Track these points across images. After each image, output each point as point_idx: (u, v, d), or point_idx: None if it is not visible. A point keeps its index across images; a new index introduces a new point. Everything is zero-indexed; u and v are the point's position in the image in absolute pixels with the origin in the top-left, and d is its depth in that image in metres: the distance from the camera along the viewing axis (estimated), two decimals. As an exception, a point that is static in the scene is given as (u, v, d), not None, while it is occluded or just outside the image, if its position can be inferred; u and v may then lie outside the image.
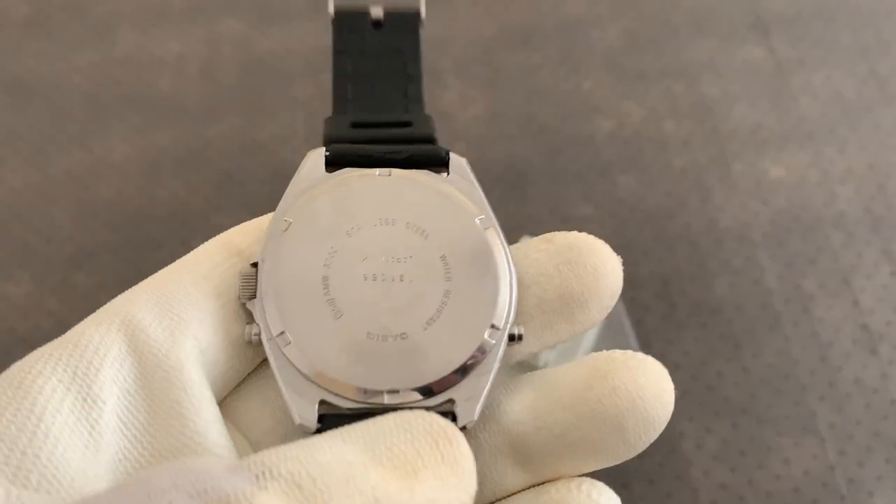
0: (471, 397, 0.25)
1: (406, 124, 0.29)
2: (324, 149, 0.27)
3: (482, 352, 0.25)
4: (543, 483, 0.25)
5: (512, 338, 0.25)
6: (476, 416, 0.24)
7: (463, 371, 0.24)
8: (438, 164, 0.27)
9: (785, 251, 0.57)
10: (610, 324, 0.52)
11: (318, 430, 0.24)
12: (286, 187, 0.26)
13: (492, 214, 0.26)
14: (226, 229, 0.25)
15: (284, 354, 0.24)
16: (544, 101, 0.63)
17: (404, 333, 0.25)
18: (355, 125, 0.29)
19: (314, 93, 0.64)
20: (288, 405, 0.24)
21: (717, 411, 0.52)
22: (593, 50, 0.66)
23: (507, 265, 0.26)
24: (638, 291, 0.55)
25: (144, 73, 0.64)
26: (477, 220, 0.26)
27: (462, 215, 0.26)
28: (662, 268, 0.56)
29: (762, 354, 0.53)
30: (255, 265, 0.25)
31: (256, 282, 0.25)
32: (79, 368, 0.22)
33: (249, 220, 0.26)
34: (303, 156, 0.26)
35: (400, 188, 0.26)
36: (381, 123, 0.29)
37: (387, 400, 0.24)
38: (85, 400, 0.22)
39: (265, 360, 0.25)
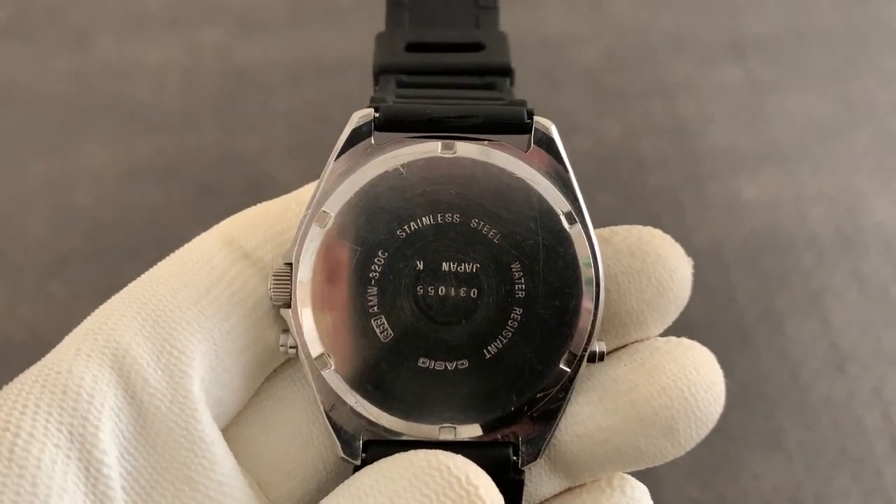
0: (537, 435, 0.21)
1: (477, 46, 0.24)
2: (371, 111, 0.21)
3: (555, 383, 0.21)
4: (578, 486, 0.22)
5: (592, 358, 0.21)
6: (541, 458, 0.21)
7: (531, 404, 0.21)
8: (519, 130, 0.22)
9: (757, 271, 0.57)
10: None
11: (363, 462, 0.20)
12: (265, 200, 0.22)
13: (581, 201, 0.21)
14: None
15: (324, 378, 0.20)
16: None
17: (463, 361, 0.20)
18: (411, 47, 0.24)
19: (295, 104, 0.63)
20: (331, 437, 0.21)
21: (688, 428, 0.53)
22: (572, 68, 0.66)
23: (593, 271, 0.21)
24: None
25: (123, 82, 0.64)
26: (562, 216, 0.21)
27: (544, 208, 0.21)
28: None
29: (734, 372, 0.54)
30: (289, 265, 0.21)
31: (292, 285, 0.20)
32: (75, 427, 0.19)
33: None
34: (283, 167, 0.23)
35: (467, 172, 0.21)
36: (444, 45, 0.24)
37: (441, 436, 0.20)
38: (88, 470, 0.19)
39: (266, 381, 0.22)
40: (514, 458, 0.21)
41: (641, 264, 0.22)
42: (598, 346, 0.21)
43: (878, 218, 0.59)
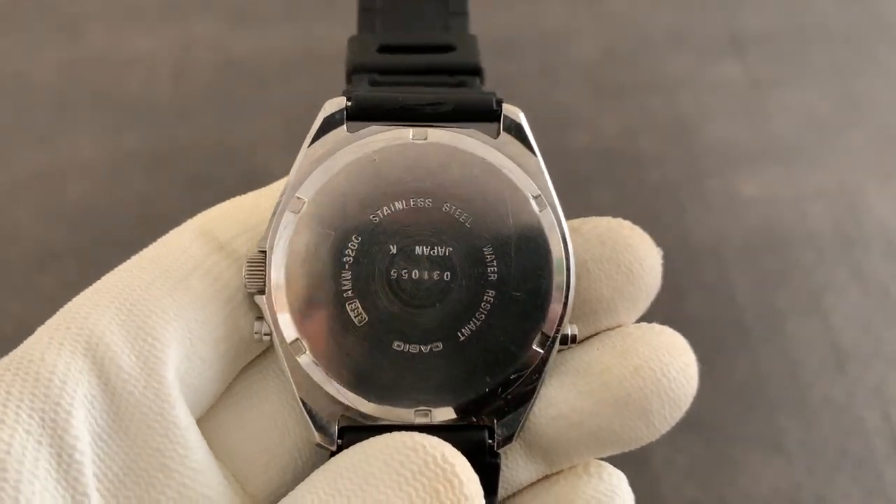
0: (512, 417, 0.21)
1: (447, 48, 0.24)
2: (344, 99, 0.22)
3: (528, 364, 0.21)
4: (556, 473, 0.22)
5: (565, 340, 0.21)
6: (515, 440, 0.21)
7: (505, 386, 0.21)
8: (488, 118, 0.22)
9: (757, 268, 0.57)
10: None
11: (338, 448, 0.21)
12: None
13: (550, 186, 0.22)
14: None
15: (299, 364, 0.21)
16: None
17: (437, 344, 0.21)
18: (384, 49, 0.24)
19: (288, 96, 0.63)
20: (306, 422, 0.21)
21: (687, 428, 0.52)
22: (571, 63, 0.66)
23: (563, 255, 0.21)
24: (611, 305, 0.55)
25: (114, 73, 0.63)
26: (531, 200, 0.21)
27: (513, 193, 0.21)
28: (635, 282, 0.56)
29: (733, 371, 0.53)
30: (263, 252, 0.21)
31: (266, 271, 0.21)
32: (46, 413, 0.18)
33: None
34: (277, 160, 0.23)
35: (438, 158, 0.21)
36: (415, 47, 0.24)
37: (416, 419, 0.21)
38: (60, 456, 0.18)
39: (239, 374, 0.22)
40: (490, 440, 0.21)
41: (611, 252, 0.22)
42: (570, 329, 0.21)
43: (879, 216, 0.59)
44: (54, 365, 0.19)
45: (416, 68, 0.24)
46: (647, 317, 0.54)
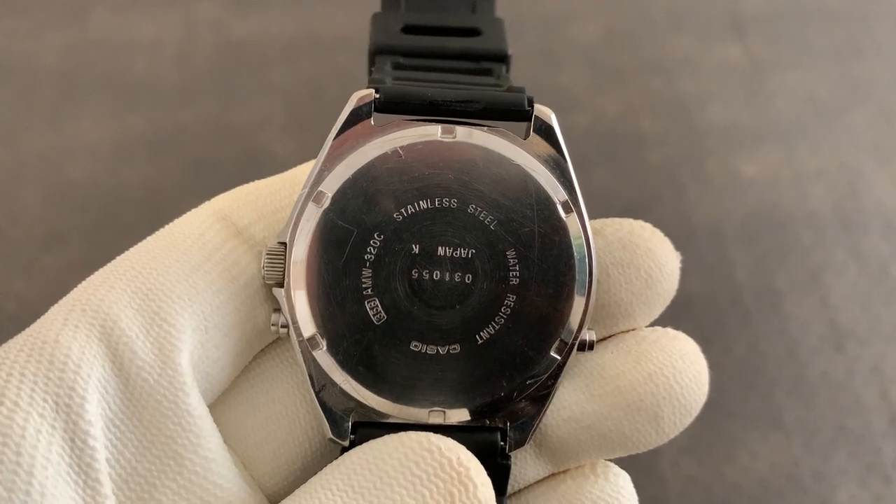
0: (525, 421, 0.21)
1: (473, 32, 0.24)
2: (372, 91, 0.21)
3: (545, 370, 0.21)
4: (563, 472, 0.22)
5: (582, 346, 0.21)
6: (528, 443, 0.21)
7: (520, 390, 0.21)
8: (519, 118, 0.21)
9: (756, 248, 0.57)
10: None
11: (351, 444, 0.20)
12: (261, 176, 0.22)
13: (577, 190, 0.21)
14: None
15: (315, 359, 0.20)
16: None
17: (455, 347, 0.20)
18: (408, 29, 0.24)
19: (292, 79, 0.63)
20: (319, 417, 0.21)
21: (686, 405, 0.53)
22: (571, 45, 0.66)
23: (587, 261, 0.21)
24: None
25: (119, 56, 0.63)
26: (558, 205, 0.21)
27: (541, 197, 0.21)
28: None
29: (732, 349, 0.54)
30: (283, 244, 0.20)
31: (286, 262, 0.20)
32: (60, 398, 0.18)
33: None
34: (279, 142, 0.22)
35: (466, 157, 0.21)
36: (441, 29, 0.23)
37: (430, 419, 0.21)
38: (73, 441, 0.18)
39: (254, 360, 0.22)
40: (502, 443, 0.21)
41: (631, 256, 0.22)
42: (588, 335, 0.21)
43: (878, 196, 0.59)
44: (69, 348, 0.19)
45: (441, 52, 0.23)
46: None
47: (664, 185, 0.60)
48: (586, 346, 0.21)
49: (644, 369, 0.21)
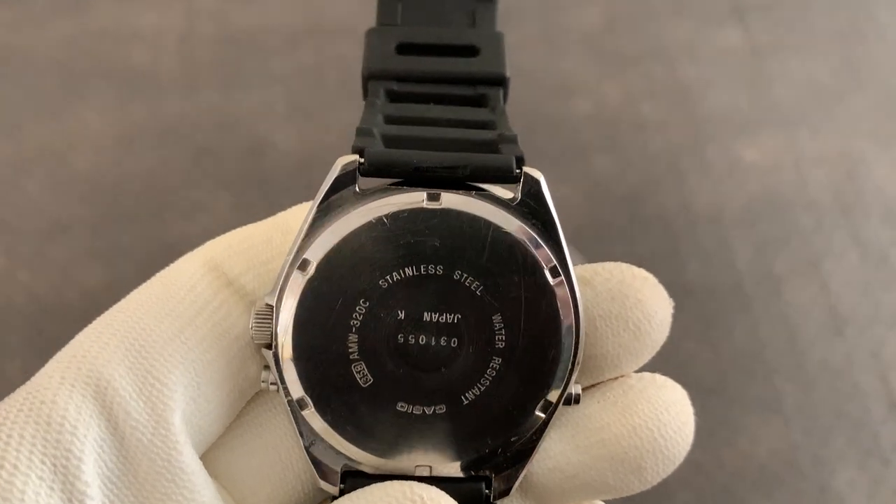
0: (509, 473, 0.21)
1: (471, 50, 0.23)
2: (356, 157, 0.21)
3: (530, 428, 0.21)
4: None
5: (568, 401, 0.21)
6: (512, 493, 0.21)
7: (505, 447, 0.21)
8: (507, 181, 0.21)
9: (756, 234, 0.57)
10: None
11: (340, 492, 0.21)
12: (263, 165, 0.23)
13: (566, 254, 0.21)
14: (202, 206, 0.22)
15: (304, 418, 0.21)
16: (522, 81, 0.63)
17: (441, 407, 0.21)
18: (402, 49, 0.23)
19: (293, 68, 0.63)
20: (311, 469, 0.21)
21: (686, 391, 0.53)
22: (572, 30, 0.65)
23: (573, 324, 0.21)
24: (612, 272, 0.56)
25: (120, 46, 0.63)
26: (546, 270, 0.21)
27: (528, 263, 0.21)
28: (636, 249, 0.56)
29: (732, 336, 0.54)
30: (271, 306, 0.21)
31: (273, 326, 0.20)
32: (58, 459, 0.19)
33: (224, 199, 0.22)
34: (281, 132, 0.22)
35: (451, 224, 0.20)
36: (437, 47, 0.23)
37: (417, 473, 0.21)
38: (71, 502, 0.19)
39: (248, 404, 0.22)
40: (487, 491, 0.22)
41: (620, 308, 0.21)
42: (574, 389, 0.21)
43: (879, 182, 0.59)
44: (65, 409, 0.19)
45: (436, 76, 0.23)
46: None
47: (665, 171, 0.60)
48: (572, 401, 0.21)
49: (629, 422, 0.21)
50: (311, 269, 0.20)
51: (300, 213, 0.22)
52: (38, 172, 0.58)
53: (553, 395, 0.21)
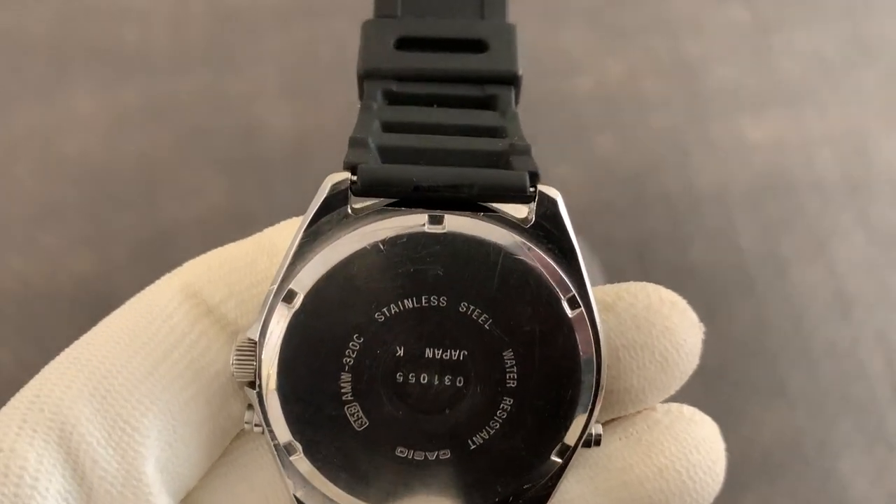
0: None
1: (479, 45, 0.21)
2: (348, 174, 0.19)
3: (545, 474, 0.19)
4: None
5: (588, 443, 0.19)
6: None
7: (517, 495, 0.19)
8: (520, 200, 0.19)
9: (761, 215, 0.56)
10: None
11: None
12: (257, 146, 0.20)
13: (586, 280, 0.19)
14: (195, 189, 0.20)
15: (293, 464, 0.19)
16: (523, 58, 0.62)
17: (445, 453, 0.19)
18: (403, 43, 0.21)
19: (285, 46, 0.62)
20: None
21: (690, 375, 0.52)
22: (573, 5, 0.64)
23: (594, 359, 0.19)
24: (613, 254, 0.55)
25: (110, 24, 0.62)
26: (563, 301, 0.19)
27: (542, 292, 0.18)
28: (639, 230, 0.56)
29: (736, 318, 0.53)
30: (254, 342, 0.19)
31: (257, 362, 0.18)
32: None
33: (218, 181, 0.20)
34: (276, 112, 0.19)
35: (456, 251, 0.18)
36: (441, 41, 0.21)
37: None
38: None
39: (233, 441, 0.21)
40: None
41: (646, 338, 0.20)
42: (594, 429, 0.19)
43: (887, 159, 0.58)
44: (25, 459, 0.18)
45: (440, 75, 0.21)
46: (655, 264, 0.54)
47: (668, 150, 0.58)
48: (592, 443, 0.19)
49: (654, 463, 0.19)
50: (298, 302, 0.18)
51: (288, 231, 0.20)
52: (26, 156, 0.57)
53: (571, 438, 0.19)
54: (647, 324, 0.19)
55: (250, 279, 0.20)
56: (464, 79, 0.20)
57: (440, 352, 0.19)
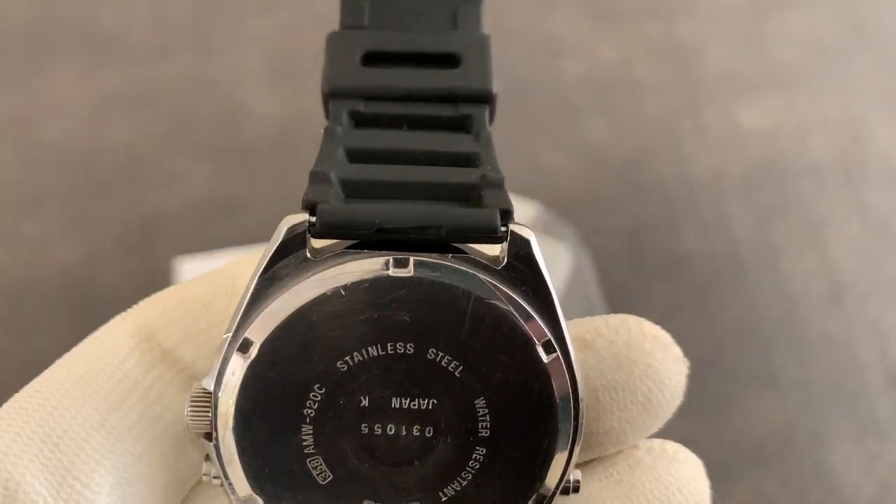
0: None
1: (451, 59, 0.20)
2: (306, 216, 0.18)
3: None
4: None
5: (566, 491, 0.18)
6: None
7: None
8: (491, 241, 0.18)
9: (755, 202, 0.56)
10: (573, 279, 0.51)
11: None
12: (241, 132, 0.19)
13: (562, 324, 0.18)
14: (179, 176, 0.19)
15: None
16: (513, 42, 0.61)
17: None
18: (371, 58, 0.20)
19: (269, 29, 0.61)
20: None
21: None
22: (564, -13, 0.63)
23: (571, 405, 0.18)
24: (606, 242, 0.55)
25: (89, 7, 0.61)
26: (538, 346, 0.18)
27: (517, 338, 0.18)
28: (631, 218, 0.55)
29: (728, 307, 0.53)
30: (208, 392, 0.18)
31: (213, 413, 0.18)
32: None
33: (203, 169, 0.19)
34: (260, 96, 0.18)
35: (423, 295, 0.17)
36: (411, 56, 0.20)
37: None
38: None
39: (191, 491, 0.19)
40: None
41: (628, 377, 0.18)
42: (572, 476, 0.18)
43: (882, 145, 0.57)
44: None
45: (410, 94, 0.20)
46: (648, 252, 0.53)
47: (661, 136, 0.58)
48: (570, 490, 0.18)
49: None
50: (254, 352, 0.17)
51: (249, 268, 0.19)
52: (7, 144, 0.56)
53: (547, 489, 0.18)
54: (629, 362, 0.18)
55: (207, 321, 0.19)
56: (435, 97, 0.20)
57: (408, 401, 0.18)
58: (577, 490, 0.18)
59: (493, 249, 0.18)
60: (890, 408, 0.50)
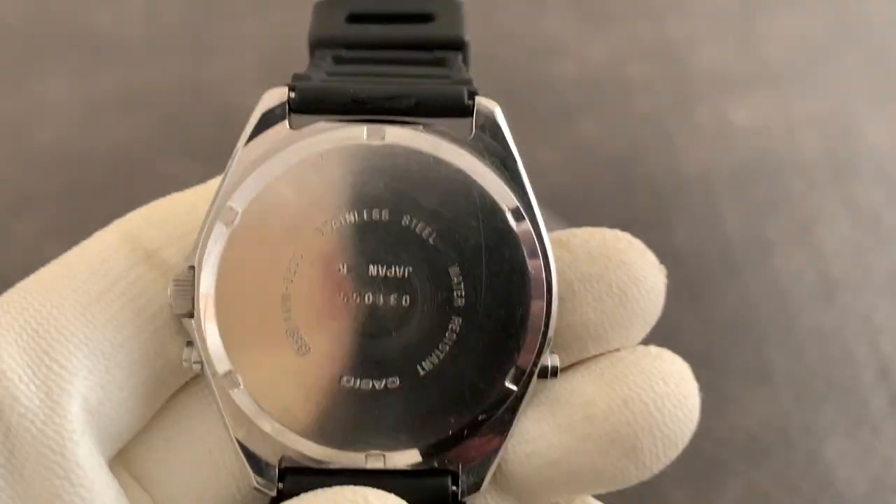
0: (479, 463, 0.18)
1: (426, 17, 0.21)
2: (286, 90, 0.19)
3: (500, 403, 0.18)
4: None
5: (544, 373, 0.18)
6: (484, 487, 0.19)
7: (472, 427, 0.18)
8: (459, 114, 0.19)
9: (746, 198, 0.56)
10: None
11: (279, 493, 0.18)
12: (235, 133, 0.20)
13: (530, 195, 0.18)
14: (173, 177, 0.20)
15: (233, 399, 0.18)
16: (506, 41, 0.61)
17: (394, 380, 0.18)
18: (354, 18, 0.21)
19: (262, 30, 0.61)
20: (242, 465, 0.18)
21: (674, 360, 0.52)
22: (555, -12, 0.63)
23: (544, 276, 0.18)
24: (597, 240, 0.55)
25: (83, 9, 0.61)
26: (507, 212, 0.18)
27: (486, 204, 0.18)
28: (623, 215, 0.55)
29: (721, 303, 0.53)
30: (192, 268, 0.18)
31: (194, 291, 0.18)
32: None
33: (196, 169, 0.20)
34: (253, 97, 0.19)
35: (397, 163, 0.18)
36: (390, 16, 0.21)
37: (368, 464, 0.18)
38: None
39: (172, 396, 0.20)
40: (454, 488, 0.19)
41: (602, 270, 0.19)
42: (550, 360, 0.19)
43: (872, 142, 0.58)
44: None
45: (387, 42, 0.21)
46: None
47: (652, 134, 0.58)
48: (548, 373, 0.18)
49: (618, 394, 0.18)
50: (237, 220, 0.18)
51: None
52: (0, 145, 0.56)
53: (524, 362, 0.18)
54: (603, 257, 0.19)
55: (190, 224, 0.19)
56: (412, 45, 0.21)
57: (384, 269, 0.18)
58: (555, 374, 0.18)
59: (463, 125, 0.19)
60: (881, 402, 0.50)
